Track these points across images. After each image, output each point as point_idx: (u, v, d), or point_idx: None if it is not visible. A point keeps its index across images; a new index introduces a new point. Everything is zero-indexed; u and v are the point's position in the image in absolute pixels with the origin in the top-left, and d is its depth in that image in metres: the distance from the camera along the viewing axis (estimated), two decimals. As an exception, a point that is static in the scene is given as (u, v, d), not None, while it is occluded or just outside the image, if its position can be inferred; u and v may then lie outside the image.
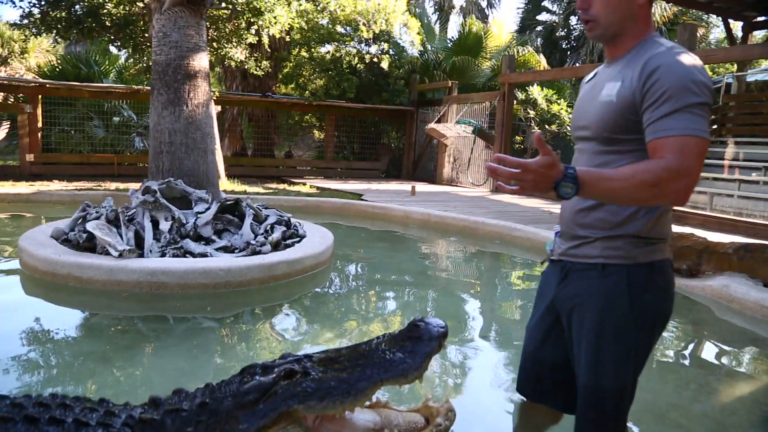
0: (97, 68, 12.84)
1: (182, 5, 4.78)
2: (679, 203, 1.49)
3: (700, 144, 1.44)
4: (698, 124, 1.44)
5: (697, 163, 1.43)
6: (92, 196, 7.78)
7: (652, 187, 1.43)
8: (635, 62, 1.55)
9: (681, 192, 1.44)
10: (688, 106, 1.44)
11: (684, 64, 1.47)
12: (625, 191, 1.45)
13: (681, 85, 1.44)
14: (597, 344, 1.67)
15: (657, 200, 1.50)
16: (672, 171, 1.42)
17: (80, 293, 3.83)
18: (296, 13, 10.21)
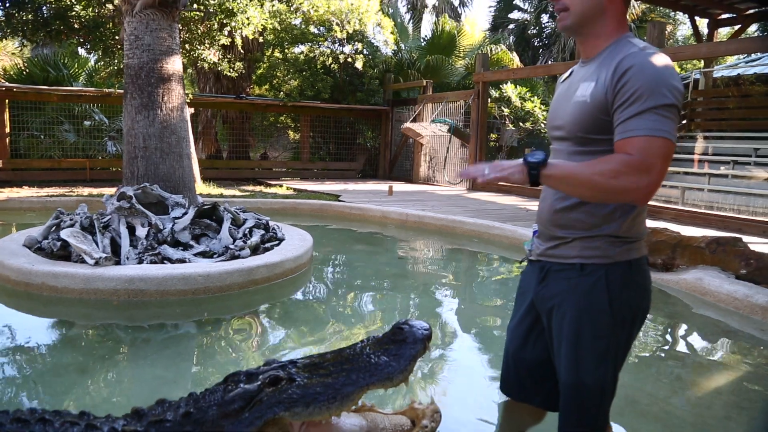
0: (66, 71, 12.55)
1: (154, 8, 4.71)
2: (638, 201, 1.50)
3: (664, 145, 1.45)
4: (664, 126, 1.45)
5: (660, 163, 1.44)
6: (64, 203, 7.63)
7: (612, 177, 1.44)
8: (608, 62, 1.58)
9: (641, 189, 1.45)
10: (656, 107, 1.45)
11: (656, 66, 1.50)
12: (585, 176, 1.48)
13: (651, 86, 1.47)
14: (577, 343, 1.69)
15: (617, 194, 1.49)
16: (631, 166, 1.43)
17: (56, 303, 3.75)
18: (269, 14, 10.12)
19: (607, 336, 1.67)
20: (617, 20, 1.64)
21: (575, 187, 1.53)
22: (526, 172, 1.50)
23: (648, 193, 1.47)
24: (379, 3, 12.86)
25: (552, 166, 1.50)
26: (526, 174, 1.50)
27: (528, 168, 1.50)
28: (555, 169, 1.50)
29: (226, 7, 8.97)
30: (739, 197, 9.10)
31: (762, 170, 9.53)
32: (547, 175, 1.50)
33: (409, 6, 26.10)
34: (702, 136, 11.24)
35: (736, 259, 4.65)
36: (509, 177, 1.53)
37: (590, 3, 1.61)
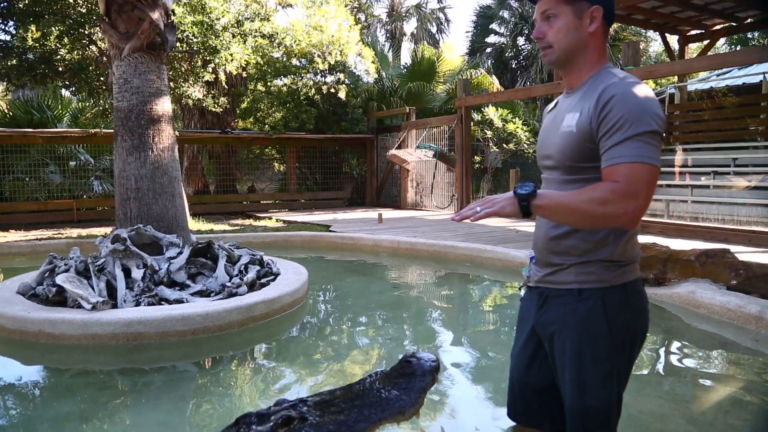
0: (50, 113, 12.57)
1: (142, 51, 4.78)
2: (626, 225, 1.54)
3: (648, 171, 1.51)
4: (648, 152, 1.51)
5: (646, 188, 1.50)
6: (54, 245, 7.57)
7: (600, 204, 1.49)
8: (591, 93, 1.64)
9: (629, 214, 1.50)
10: (639, 134, 1.51)
11: (637, 95, 1.56)
12: (574, 204, 1.53)
13: (634, 114, 1.52)
14: (580, 367, 1.72)
15: (605, 220, 1.54)
16: (618, 193, 1.49)
17: (53, 350, 3.71)
18: (252, 49, 10.26)
19: (608, 359, 1.71)
20: (598, 52, 1.72)
21: (565, 215, 1.58)
22: (517, 204, 1.55)
23: (635, 218, 1.51)
24: (359, 34, 13.08)
25: (541, 196, 1.55)
26: (518, 206, 1.56)
27: (518, 200, 1.55)
28: (544, 200, 1.55)
29: (209, 45, 9.09)
30: (722, 207, 9.27)
31: (741, 179, 9.74)
32: (537, 206, 1.55)
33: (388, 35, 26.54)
34: (681, 149, 11.47)
35: (726, 270, 4.74)
36: (500, 211, 1.58)
37: (573, 40, 1.69)
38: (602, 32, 1.71)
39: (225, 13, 9.19)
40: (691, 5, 10.39)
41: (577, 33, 1.68)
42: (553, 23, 1.69)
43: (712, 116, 11.54)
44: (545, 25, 1.71)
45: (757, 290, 4.48)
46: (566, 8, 1.67)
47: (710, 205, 9.49)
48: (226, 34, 9.30)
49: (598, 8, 1.66)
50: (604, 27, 1.70)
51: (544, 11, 1.70)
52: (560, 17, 1.68)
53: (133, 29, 4.76)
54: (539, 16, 1.72)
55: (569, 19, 1.67)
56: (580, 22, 1.67)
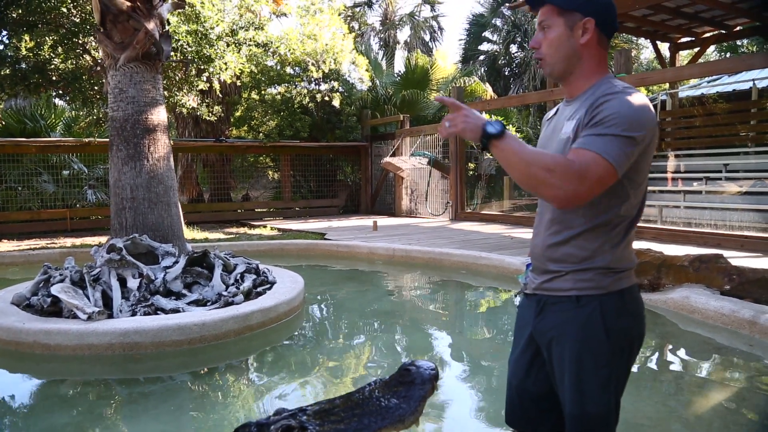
0: (43, 122, 12.54)
1: (137, 61, 4.78)
2: (551, 200, 1.53)
3: (607, 169, 1.49)
4: (617, 154, 1.50)
5: (594, 182, 1.49)
6: (47, 255, 7.53)
7: (545, 170, 1.48)
8: (588, 101, 1.66)
9: (562, 191, 1.48)
10: (617, 135, 1.50)
11: (632, 103, 1.55)
12: (524, 159, 1.51)
13: (620, 116, 1.52)
14: (578, 374, 1.73)
15: (540, 186, 1.51)
16: (567, 170, 1.47)
17: (49, 361, 3.70)
18: (246, 57, 10.29)
19: (607, 365, 1.72)
20: (596, 63, 1.72)
21: (511, 163, 1.55)
22: (480, 135, 1.55)
23: (566, 201, 1.50)
24: (353, 42, 13.13)
25: (506, 139, 1.53)
26: (479, 137, 1.55)
27: (482, 133, 1.54)
28: (505, 143, 1.53)
29: (203, 54, 9.11)
30: (714, 212, 9.35)
31: (733, 184, 9.83)
32: (495, 145, 1.54)
33: (382, 43, 26.66)
34: (673, 155, 11.57)
35: (719, 276, 4.77)
36: (463, 132, 1.58)
37: (564, 51, 1.69)
38: (597, 43, 1.71)
39: (219, 22, 9.21)
40: (682, 13, 10.52)
41: (569, 44, 1.69)
42: (547, 34, 1.71)
43: (703, 122, 11.66)
44: (541, 35, 1.73)
45: (750, 295, 4.51)
46: (559, 20, 1.69)
47: (703, 211, 9.56)
48: (221, 43, 9.32)
49: (590, 20, 1.67)
50: (600, 38, 1.70)
51: (541, 22, 1.72)
52: (553, 28, 1.69)
53: (128, 39, 4.77)
54: (537, 26, 1.74)
55: (561, 30, 1.68)
56: (572, 34, 1.68)
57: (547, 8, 1.69)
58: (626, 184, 1.64)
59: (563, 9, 1.67)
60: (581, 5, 1.66)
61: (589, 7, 1.67)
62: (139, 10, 4.76)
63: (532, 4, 1.76)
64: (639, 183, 1.65)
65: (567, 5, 1.66)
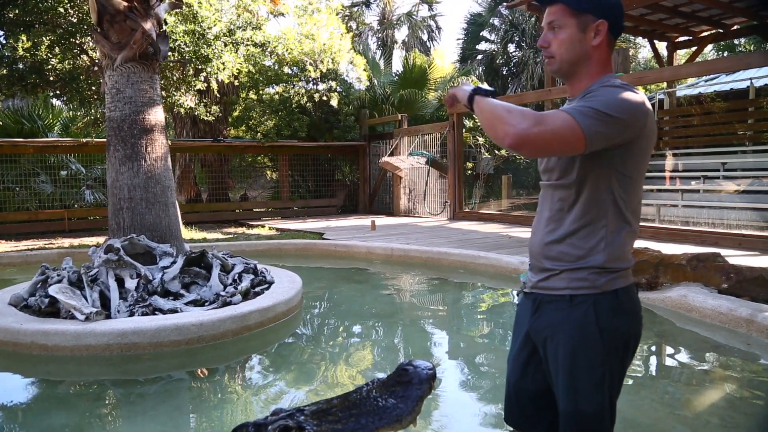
0: (41, 122, 12.52)
1: (135, 61, 4.78)
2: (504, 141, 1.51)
3: (572, 129, 1.49)
4: (590, 122, 1.50)
5: (553, 132, 1.49)
6: (45, 255, 7.52)
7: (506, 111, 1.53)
8: None
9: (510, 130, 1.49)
10: (595, 108, 1.51)
11: (623, 92, 1.56)
12: (494, 106, 1.59)
13: (605, 97, 1.54)
14: (573, 372, 1.73)
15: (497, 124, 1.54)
16: (528, 114, 1.50)
17: (46, 362, 3.69)
18: (243, 57, 10.28)
19: (601, 364, 1.72)
20: (602, 64, 1.71)
21: (482, 111, 1.63)
22: (467, 95, 1.70)
23: (515, 136, 1.48)
24: (350, 42, 13.13)
25: (484, 97, 1.65)
26: (467, 96, 1.70)
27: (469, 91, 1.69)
28: (482, 99, 1.65)
29: (201, 54, 9.10)
30: (712, 211, 9.37)
31: (731, 183, 9.85)
32: (477, 101, 1.66)
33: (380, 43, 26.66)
34: (671, 154, 11.60)
35: (717, 274, 4.78)
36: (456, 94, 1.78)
37: (576, 52, 1.69)
38: (607, 44, 1.71)
39: (217, 22, 9.21)
40: (679, 12, 10.54)
41: (581, 46, 1.68)
42: (558, 34, 1.70)
43: (701, 121, 11.68)
44: (551, 34, 1.72)
45: (747, 293, 4.52)
46: (571, 20, 1.68)
47: (700, 210, 9.58)
48: (218, 43, 9.32)
49: (603, 22, 1.67)
50: (609, 39, 1.70)
51: (551, 21, 1.71)
52: (565, 29, 1.68)
53: (125, 39, 4.76)
54: (546, 25, 1.74)
55: (573, 31, 1.68)
56: (584, 36, 1.68)
57: (558, 8, 1.69)
58: (616, 178, 1.64)
59: (576, 10, 1.66)
60: (594, 7, 1.66)
61: (602, 9, 1.67)
62: (136, 10, 4.75)
63: (541, 2, 1.76)
64: (630, 178, 1.65)
65: (581, 7, 1.66)
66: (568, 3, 1.66)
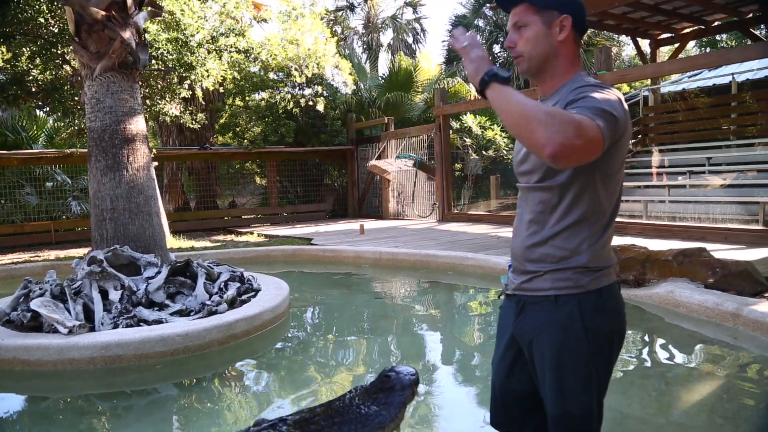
0: (25, 134, 12.41)
1: (114, 70, 4.73)
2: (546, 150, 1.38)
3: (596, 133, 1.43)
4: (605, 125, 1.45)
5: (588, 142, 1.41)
6: (30, 269, 7.44)
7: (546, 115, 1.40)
8: (564, 97, 1.66)
9: (557, 138, 1.36)
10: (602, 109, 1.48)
11: (607, 94, 1.56)
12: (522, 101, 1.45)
13: (599, 99, 1.52)
14: (559, 373, 1.72)
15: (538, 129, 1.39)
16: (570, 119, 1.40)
17: (29, 377, 3.63)
18: (228, 64, 10.23)
19: (587, 364, 1.71)
20: (570, 60, 1.72)
21: (508, 105, 1.48)
22: (480, 76, 1.52)
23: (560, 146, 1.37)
24: (335, 46, 13.11)
25: (504, 86, 1.49)
26: (479, 79, 1.52)
27: (484, 74, 1.51)
28: (503, 88, 1.49)
29: (184, 62, 9.04)
30: (698, 206, 9.43)
31: (716, 177, 9.92)
32: (493, 88, 1.50)
33: (365, 46, 26.65)
34: (657, 150, 11.67)
35: (703, 269, 4.80)
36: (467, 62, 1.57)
37: (543, 48, 1.70)
38: (573, 40, 1.72)
39: (200, 29, 9.15)
40: (660, 10, 10.61)
41: (547, 41, 1.69)
42: (523, 32, 1.70)
43: (685, 117, 11.77)
44: (516, 34, 1.72)
45: (733, 287, 4.55)
46: (536, 17, 1.69)
47: (687, 205, 9.65)
48: (201, 50, 9.26)
49: (567, 17, 1.68)
50: (575, 35, 1.71)
51: (516, 22, 1.72)
52: (530, 26, 1.69)
53: (104, 49, 4.72)
54: (511, 26, 1.74)
55: (539, 28, 1.69)
56: (550, 31, 1.69)
57: (522, 7, 1.69)
58: (600, 179, 1.64)
59: (540, 7, 1.67)
60: (558, 3, 1.67)
61: (565, 5, 1.68)
62: (114, 19, 4.70)
63: (505, 4, 1.75)
64: (612, 177, 1.65)
65: (544, 3, 1.67)
66: (531, 1, 1.66)
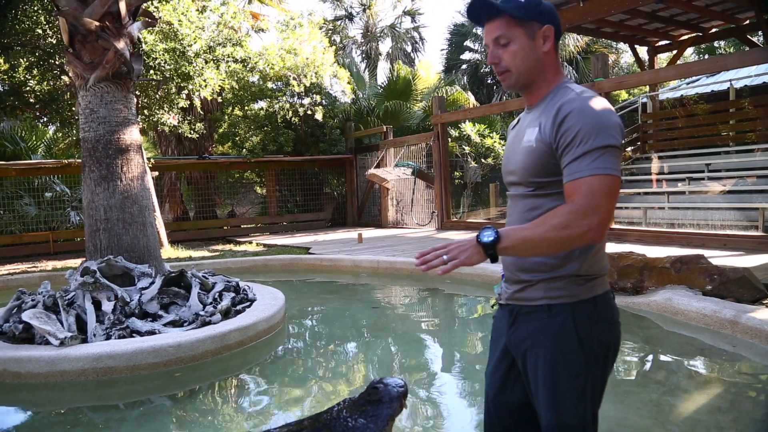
0: (24, 144, 12.42)
1: (108, 80, 4.73)
2: (594, 240, 1.51)
3: (608, 182, 1.49)
4: (607, 163, 1.50)
5: (606, 201, 1.48)
6: (27, 279, 7.42)
7: (563, 229, 1.48)
8: (549, 109, 1.64)
9: (593, 230, 1.47)
10: (598, 148, 1.50)
11: (594, 109, 1.55)
12: (538, 236, 1.50)
13: (592, 128, 1.52)
14: (554, 384, 1.69)
15: (572, 242, 1.52)
16: (579, 213, 1.47)
17: (19, 390, 3.59)
18: (226, 74, 10.25)
19: (582, 374, 1.68)
20: (554, 69, 1.72)
21: (533, 249, 1.56)
22: (483, 253, 1.53)
23: (600, 232, 1.49)
24: (334, 55, 13.14)
25: (505, 238, 1.53)
26: (484, 255, 1.54)
27: (484, 248, 1.53)
28: (509, 241, 1.53)
29: (182, 72, 9.06)
30: (697, 212, 9.39)
31: (716, 184, 9.89)
32: (503, 248, 1.52)
33: (364, 55, 26.72)
34: (656, 156, 11.65)
35: (701, 276, 4.77)
36: (468, 262, 1.56)
37: (530, 62, 1.68)
38: (554, 48, 1.72)
39: (197, 39, 9.17)
40: (658, 17, 10.62)
41: (534, 54, 1.68)
42: (508, 47, 1.69)
43: (684, 123, 11.75)
44: (499, 49, 1.70)
45: (731, 294, 4.51)
46: (519, 30, 1.67)
47: (686, 211, 9.60)
48: (199, 60, 9.28)
49: (549, 27, 1.67)
50: (555, 44, 1.71)
51: (497, 37, 1.69)
52: (514, 41, 1.67)
53: (98, 59, 4.71)
54: (491, 42, 1.71)
55: (523, 41, 1.67)
56: (534, 43, 1.67)
57: (501, 21, 1.67)
58: None
59: (522, 20, 1.65)
60: (538, 14, 1.66)
61: (545, 15, 1.68)
62: (108, 29, 4.70)
63: (482, 18, 1.73)
64: None
65: (527, 15, 1.65)
66: (513, 14, 1.65)
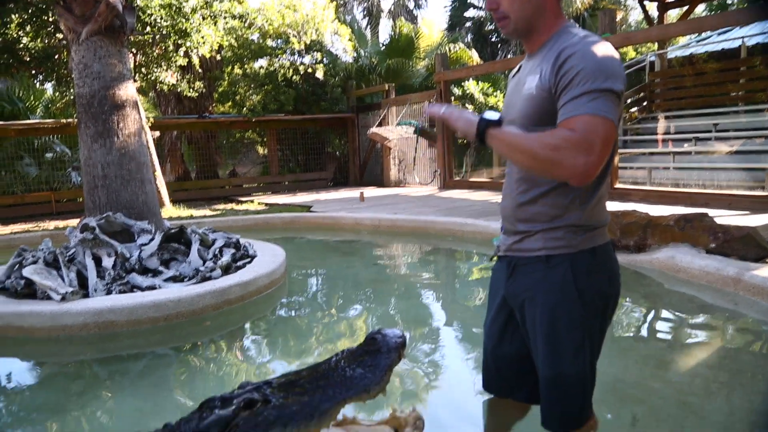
0: (22, 104, 12.27)
1: (100, 34, 4.60)
2: (573, 179, 1.44)
3: (605, 125, 1.42)
4: (606, 107, 1.43)
5: (600, 144, 1.41)
6: (29, 239, 7.43)
7: (552, 150, 1.42)
8: (551, 54, 1.58)
9: (577, 168, 1.40)
10: (598, 90, 1.44)
11: (597, 53, 1.49)
12: (527, 145, 1.47)
13: (593, 70, 1.46)
14: (552, 335, 1.68)
15: (554, 168, 1.44)
16: (572, 142, 1.41)
17: (23, 343, 3.63)
18: (224, 31, 10.03)
19: (581, 325, 1.67)
20: (555, 13, 1.65)
21: (515, 152, 1.51)
22: (476, 129, 1.53)
23: (584, 174, 1.42)
24: (334, 11, 12.83)
25: (503, 130, 1.51)
26: (475, 127, 1.53)
27: (479, 123, 1.52)
28: (502, 134, 1.51)
29: (179, 28, 8.86)
30: (703, 172, 9.30)
31: (723, 144, 9.77)
32: (492, 135, 1.51)
33: (365, 12, 26.17)
34: (663, 116, 11.48)
35: (705, 234, 4.73)
36: (456, 123, 1.59)
37: (529, 6, 1.62)
38: None
39: (194, -7, 8.94)
40: (668, -30, 10.31)
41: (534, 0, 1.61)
42: None
43: (693, 82, 11.53)
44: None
45: (735, 253, 4.48)
46: None
47: (691, 171, 9.51)
48: (196, 16, 9.06)
49: None
50: None
51: None
52: None
53: (89, 12, 4.59)
54: None
55: None
56: None
57: None
58: None
59: None
60: None
61: None
62: (100, -20, 4.57)
63: None
64: None
65: None
66: None
